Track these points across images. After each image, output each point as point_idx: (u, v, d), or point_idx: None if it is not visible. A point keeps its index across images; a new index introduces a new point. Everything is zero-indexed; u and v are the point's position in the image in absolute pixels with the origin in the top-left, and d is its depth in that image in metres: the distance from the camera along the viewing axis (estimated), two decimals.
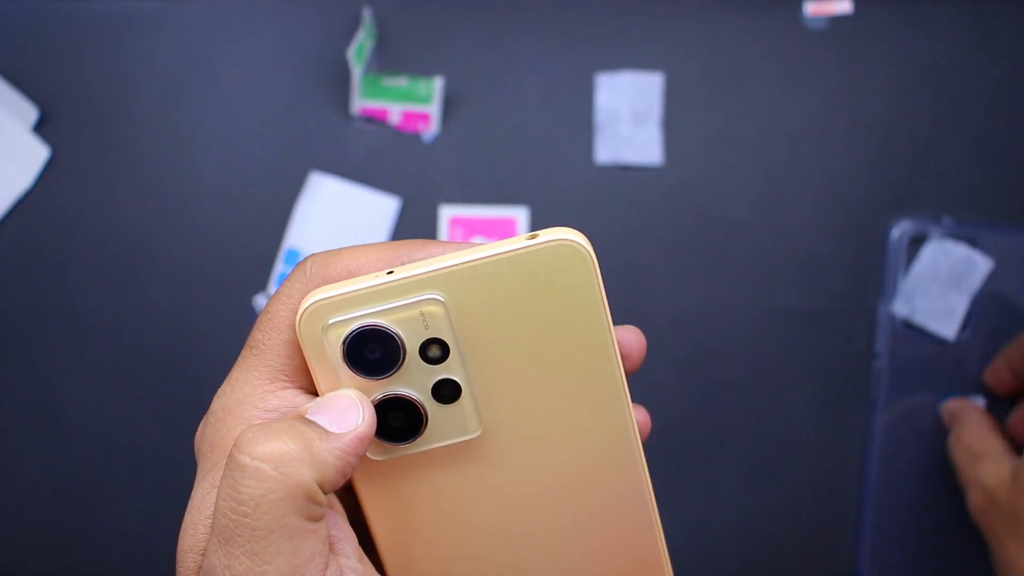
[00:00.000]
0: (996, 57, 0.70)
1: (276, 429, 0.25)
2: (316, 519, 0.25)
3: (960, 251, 0.68)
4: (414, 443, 0.28)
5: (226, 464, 0.25)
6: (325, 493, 0.26)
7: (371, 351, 0.27)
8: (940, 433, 0.67)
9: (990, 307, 0.68)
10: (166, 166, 0.71)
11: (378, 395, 0.27)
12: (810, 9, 0.71)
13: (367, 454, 0.28)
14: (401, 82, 0.71)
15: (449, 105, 0.71)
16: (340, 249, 0.29)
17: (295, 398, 0.28)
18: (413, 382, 0.27)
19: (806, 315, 0.69)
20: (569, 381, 0.28)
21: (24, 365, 0.70)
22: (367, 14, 0.69)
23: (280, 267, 0.70)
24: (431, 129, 0.71)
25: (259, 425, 0.26)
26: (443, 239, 0.71)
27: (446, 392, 0.28)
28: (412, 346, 0.27)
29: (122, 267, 0.70)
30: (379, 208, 0.71)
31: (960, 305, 0.67)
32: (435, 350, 0.27)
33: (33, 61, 0.71)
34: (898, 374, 0.68)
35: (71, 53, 0.71)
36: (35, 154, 0.70)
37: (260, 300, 0.70)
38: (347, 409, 0.26)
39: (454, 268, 0.27)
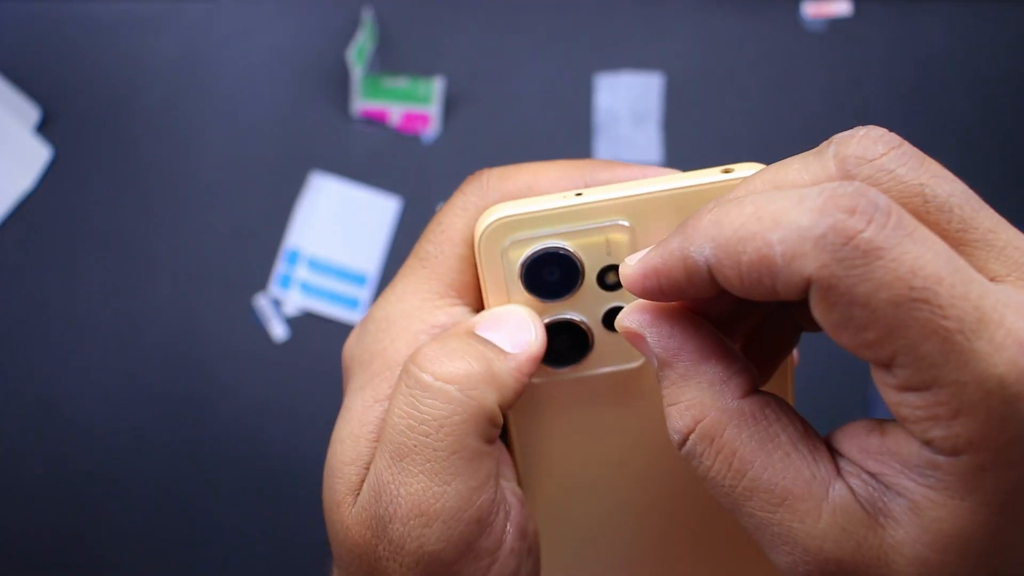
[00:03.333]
0: (994, 58, 0.70)
1: (456, 348, 0.24)
2: (492, 441, 0.25)
3: None
4: (576, 368, 0.27)
5: (401, 379, 0.24)
6: (504, 413, 0.25)
7: (550, 273, 0.26)
8: None
9: None
10: (167, 166, 0.71)
11: (548, 318, 0.26)
12: (809, 10, 0.71)
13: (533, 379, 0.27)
14: (401, 83, 0.71)
15: (449, 105, 0.71)
16: (519, 165, 0.27)
17: (463, 316, 0.27)
18: (585, 307, 0.26)
19: None
20: None
21: (25, 364, 0.70)
22: (368, 16, 0.69)
23: (280, 267, 0.70)
24: (431, 130, 0.71)
25: (436, 342, 0.25)
26: None
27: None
28: (591, 271, 0.26)
29: (123, 267, 0.70)
30: (379, 208, 0.71)
31: None
32: (613, 277, 0.26)
33: (35, 62, 0.71)
34: None
35: (73, 54, 0.71)
36: (37, 154, 0.70)
37: (260, 300, 0.70)
38: (520, 327, 0.25)
39: (645, 196, 0.25)
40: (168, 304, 0.70)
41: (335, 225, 0.71)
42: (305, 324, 0.70)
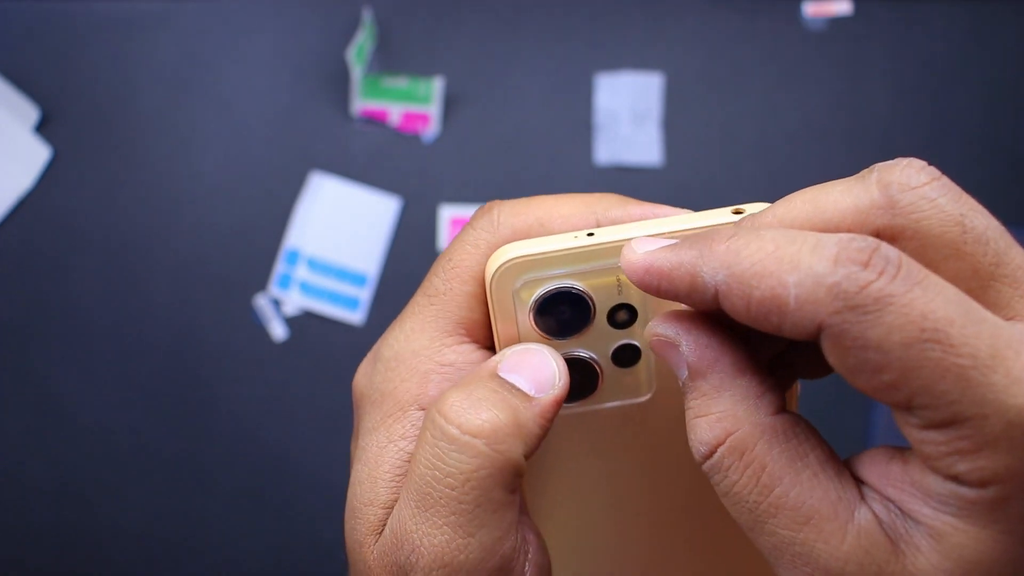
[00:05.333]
0: (994, 57, 0.70)
1: (483, 397, 0.24)
2: (515, 491, 0.24)
3: None
4: (585, 402, 0.27)
5: (427, 428, 0.24)
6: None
7: (561, 312, 0.26)
8: None
9: None
10: (167, 166, 0.71)
11: (563, 354, 0.26)
12: (809, 10, 0.71)
13: None
14: (401, 82, 0.71)
15: (449, 105, 0.71)
16: (529, 199, 0.27)
17: (472, 353, 0.27)
18: (595, 344, 0.27)
19: None
20: None
21: (24, 365, 0.70)
22: (367, 15, 0.69)
23: (280, 267, 0.70)
24: (431, 129, 0.71)
25: (461, 390, 0.25)
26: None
27: (626, 356, 0.27)
28: (602, 310, 0.26)
29: (123, 267, 0.70)
30: (379, 208, 0.71)
31: None
32: (623, 315, 0.26)
33: (34, 62, 0.71)
34: None
35: (72, 54, 0.71)
36: (36, 154, 0.70)
37: (260, 300, 0.70)
38: (542, 367, 0.25)
39: (658, 237, 0.26)
40: (168, 304, 0.70)
41: (335, 225, 0.70)
42: (305, 324, 0.70)
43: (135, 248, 0.70)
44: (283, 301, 0.70)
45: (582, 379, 0.27)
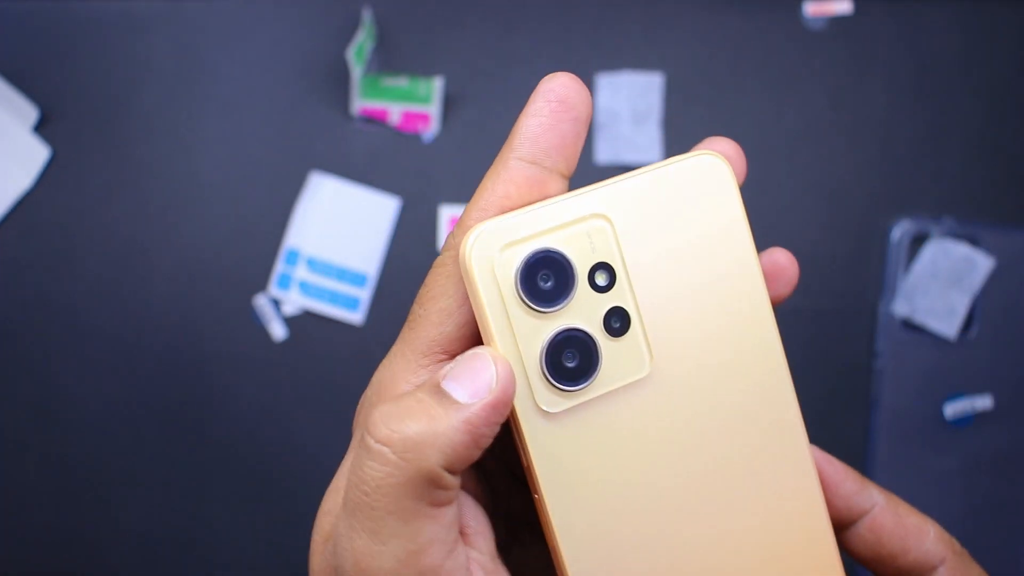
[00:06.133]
0: (995, 57, 0.70)
1: (405, 407, 0.24)
2: (440, 504, 0.24)
3: (961, 250, 0.68)
4: (589, 385, 0.26)
5: (354, 437, 0.25)
6: (455, 473, 0.24)
7: (544, 278, 0.25)
8: (941, 432, 0.67)
9: (991, 306, 0.68)
10: (166, 166, 0.71)
11: (553, 331, 0.26)
12: (810, 9, 0.71)
13: (543, 407, 0.26)
14: (401, 82, 0.71)
15: (449, 105, 0.71)
16: (482, 199, 0.27)
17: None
18: (585, 314, 0.26)
19: (806, 315, 0.69)
20: (722, 308, 0.27)
21: (24, 364, 0.70)
22: (367, 15, 0.69)
23: (280, 267, 0.70)
24: (431, 129, 0.71)
25: (392, 401, 0.25)
26: (444, 238, 0.71)
27: (617, 323, 0.26)
28: (582, 272, 0.26)
29: (122, 267, 0.70)
30: (379, 208, 0.71)
31: (961, 304, 0.67)
32: (603, 277, 0.26)
33: (33, 61, 0.71)
34: (899, 373, 0.68)
35: (71, 53, 0.71)
36: (35, 154, 0.70)
37: (260, 300, 0.70)
38: (480, 372, 0.24)
39: (619, 183, 0.27)
40: (167, 304, 0.70)
41: (335, 225, 0.70)
42: (305, 324, 0.70)
43: (134, 248, 0.70)
44: (283, 301, 0.70)
45: (581, 356, 0.26)
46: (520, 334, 0.26)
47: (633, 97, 0.70)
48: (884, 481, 0.68)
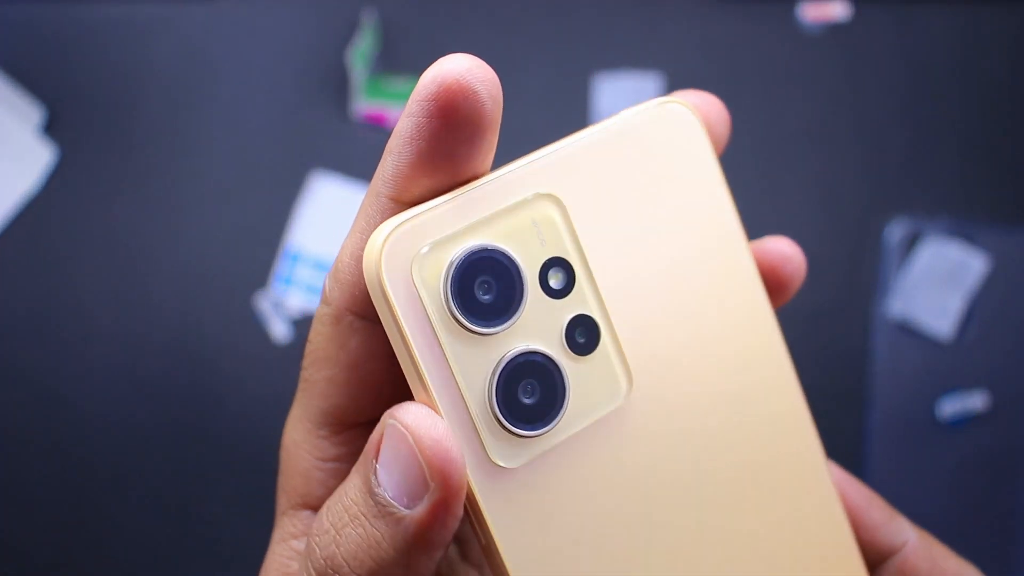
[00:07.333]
0: (990, 60, 0.70)
1: (340, 529, 0.20)
2: None
3: (956, 250, 0.68)
4: (556, 425, 0.20)
5: (304, 555, 0.22)
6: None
7: (483, 287, 0.19)
8: (935, 431, 0.67)
9: (986, 306, 0.68)
10: (169, 167, 0.71)
11: (501, 358, 0.19)
12: (807, 14, 0.71)
13: (498, 462, 0.19)
14: (402, 84, 0.71)
15: None
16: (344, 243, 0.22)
17: (357, 440, 0.23)
18: (539, 330, 0.20)
19: (802, 314, 0.70)
20: (710, 306, 0.21)
21: (28, 364, 0.71)
22: (371, 19, 0.70)
23: (281, 267, 0.71)
24: None
25: (326, 513, 0.21)
26: None
27: (582, 336, 0.20)
28: (531, 271, 0.19)
29: (125, 267, 0.71)
30: None
31: (956, 304, 0.68)
32: (558, 277, 0.20)
33: (39, 64, 0.72)
34: (894, 372, 0.68)
35: (76, 56, 0.72)
36: (41, 156, 0.71)
37: (261, 300, 0.71)
38: (406, 458, 0.19)
39: (555, 152, 0.20)
40: (170, 304, 0.71)
41: (336, 225, 0.71)
42: (306, 325, 0.71)
43: (138, 248, 0.71)
44: (284, 301, 0.71)
45: (543, 387, 0.20)
46: (458, 367, 0.19)
47: (632, 98, 0.71)
48: (878, 480, 0.68)
